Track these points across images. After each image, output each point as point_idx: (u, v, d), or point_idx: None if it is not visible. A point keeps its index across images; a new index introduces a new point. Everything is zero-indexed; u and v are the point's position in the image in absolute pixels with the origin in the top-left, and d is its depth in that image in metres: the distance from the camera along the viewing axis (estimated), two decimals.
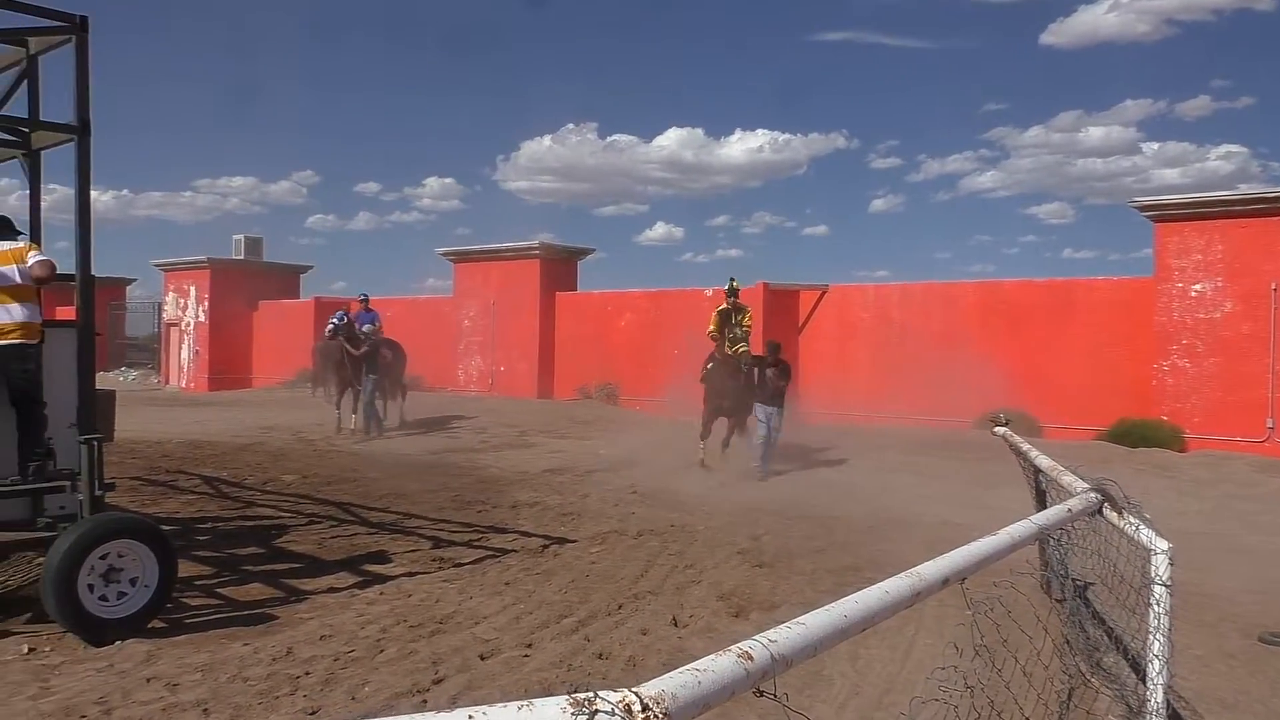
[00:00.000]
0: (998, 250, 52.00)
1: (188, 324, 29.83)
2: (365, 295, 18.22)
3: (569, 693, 1.30)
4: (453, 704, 4.79)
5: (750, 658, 1.54)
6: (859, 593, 1.94)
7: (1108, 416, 15.20)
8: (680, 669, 1.45)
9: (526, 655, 5.56)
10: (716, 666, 1.48)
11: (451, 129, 59.81)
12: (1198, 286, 15.03)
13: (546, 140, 53.66)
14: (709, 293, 20.88)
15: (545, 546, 8.50)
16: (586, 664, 5.42)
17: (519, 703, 1.29)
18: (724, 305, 13.30)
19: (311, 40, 58.53)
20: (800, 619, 1.75)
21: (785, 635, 1.65)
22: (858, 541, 8.78)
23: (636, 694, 1.31)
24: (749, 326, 13.26)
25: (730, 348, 12.93)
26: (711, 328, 13.20)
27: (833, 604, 1.86)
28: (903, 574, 2.12)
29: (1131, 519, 3.80)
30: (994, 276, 21.51)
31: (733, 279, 13.75)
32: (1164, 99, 50.51)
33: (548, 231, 52.77)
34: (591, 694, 1.28)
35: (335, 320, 16.87)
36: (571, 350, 22.49)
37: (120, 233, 55.60)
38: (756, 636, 1.62)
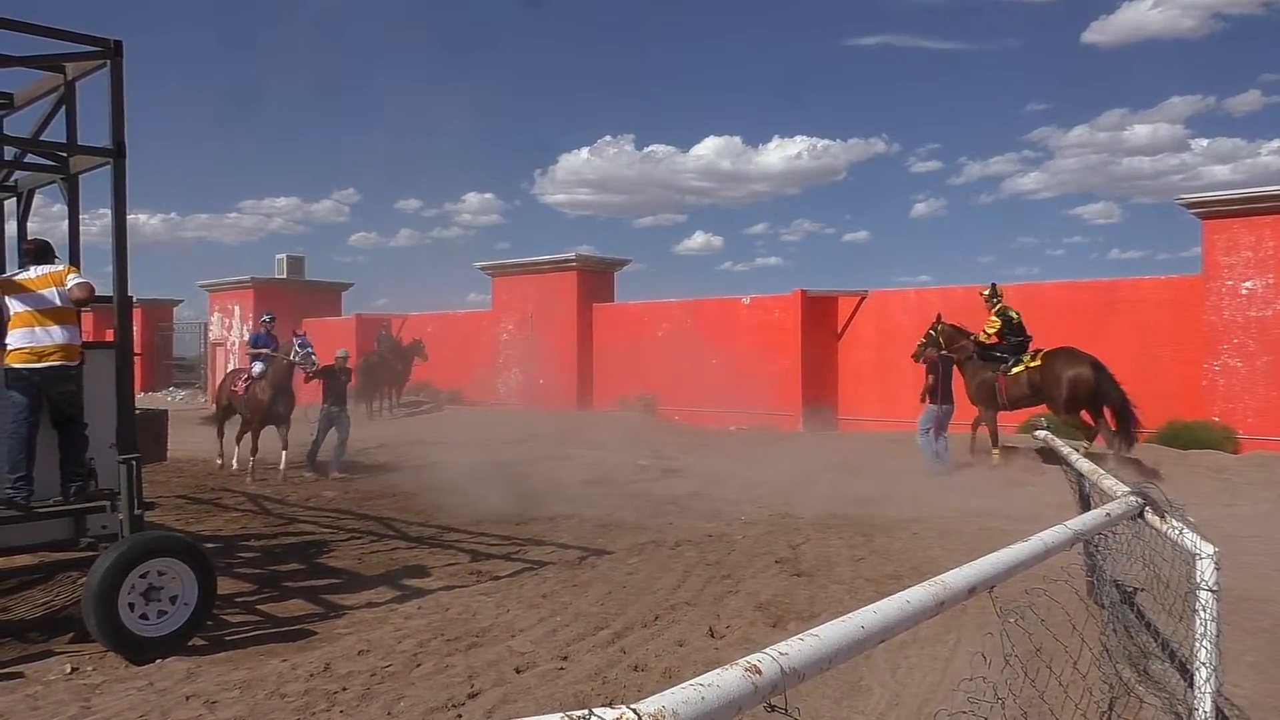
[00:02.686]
0: (1042, 252, 51.28)
1: (233, 344, 30.26)
2: (270, 316, 15.43)
3: (604, 704, 1.26)
4: (487, 718, 4.77)
5: (759, 671, 1.49)
6: (878, 602, 1.88)
7: (1157, 419, 14.83)
8: (684, 684, 1.40)
9: (562, 668, 5.53)
10: (722, 681, 1.43)
11: (490, 143, 60.24)
12: (1248, 284, 14.66)
13: (584, 153, 53.95)
14: (747, 301, 20.81)
15: (582, 558, 8.47)
16: (622, 676, 5.37)
17: None
18: (1000, 306, 13.75)
19: (351, 60, 59.30)
20: (814, 630, 1.69)
21: (797, 647, 1.60)
22: (899, 549, 8.64)
23: (635, 711, 1.27)
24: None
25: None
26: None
27: (850, 614, 1.80)
28: (926, 583, 2.06)
29: (1174, 523, 3.69)
30: (1038, 279, 21.09)
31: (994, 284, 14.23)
32: (1212, 95, 49.44)
33: (587, 244, 53.02)
34: (587, 711, 1.24)
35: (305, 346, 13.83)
36: (610, 361, 22.49)
37: (169, 255, 56.66)
38: (767, 649, 1.57)
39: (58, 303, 6.18)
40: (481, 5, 59.04)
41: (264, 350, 14.29)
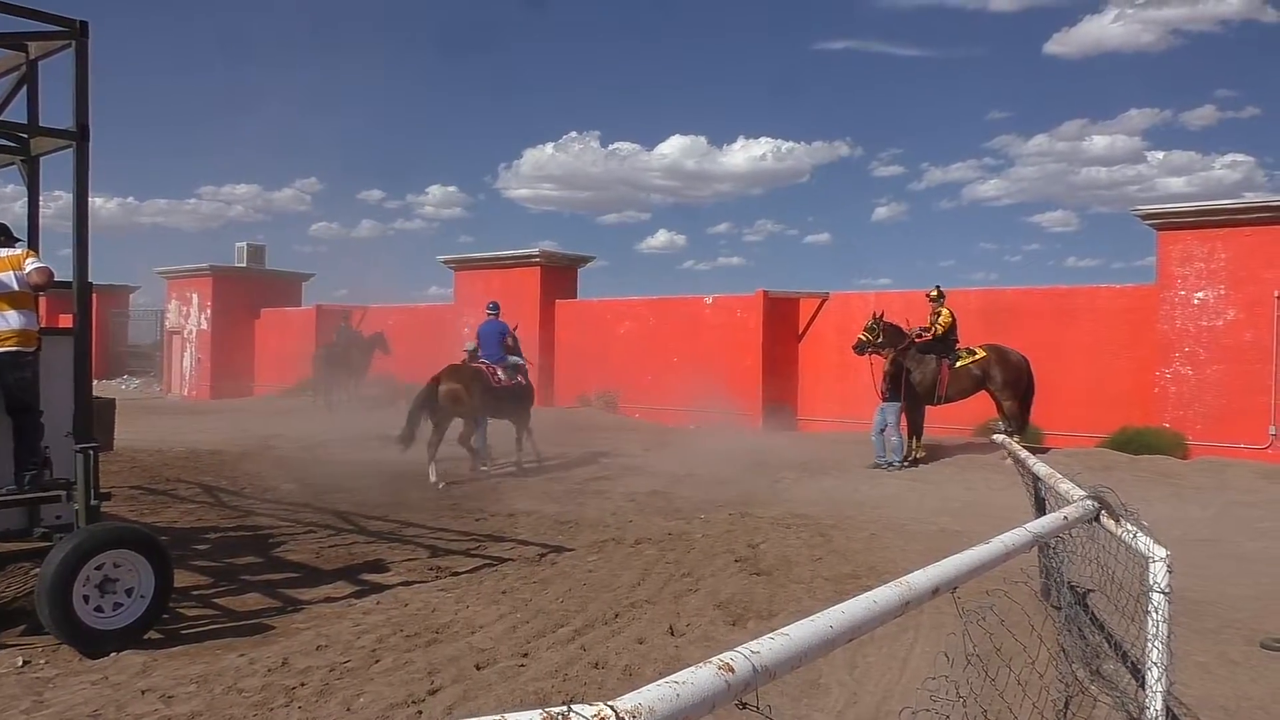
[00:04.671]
0: (1001, 258, 51.77)
1: (190, 332, 29.82)
2: (495, 304, 14.86)
3: (564, 703, 1.28)
4: (448, 714, 4.76)
5: (731, 669, 1.52)
6: (846, 602, 1.92)
7: (1110, 424, 15.14)
8: (658, 681, 1.42)
9: (522, 665, 5.53)
10: (696, 679, 1.46)
11: (455, 136, 59.76)
12: (1200, 294, 14.98)
13: (549, 148, 53.64)
14: (709, 300, 20.89)
15: (542, 555, 8.47)
16: (582, 673, 5.38)
17: (493, 717, 1.26)
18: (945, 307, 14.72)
19: (314, 49, 58.59)
20: (785, 629, 1.72)
21: (768, 646, 1.63)
22: (857, 549, 8.74)
23: (612, 708, 1.29)
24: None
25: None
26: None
27: (818, 614, 1.83)
28: (891, 583, 2.10)
29: (1129, 526, 3.77)
30: (997, 285, 21.39)
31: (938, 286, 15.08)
32: (1169, 108, 50.26)
33: (550, 240, 52.87)
34: (565, 708, 1.25)
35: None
36: (572, 358, 22.46)
37: (125, 240, 55.51)
38: (739, 647, 1.59)
39: (15, 287, 6.06)
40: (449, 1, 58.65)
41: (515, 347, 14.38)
